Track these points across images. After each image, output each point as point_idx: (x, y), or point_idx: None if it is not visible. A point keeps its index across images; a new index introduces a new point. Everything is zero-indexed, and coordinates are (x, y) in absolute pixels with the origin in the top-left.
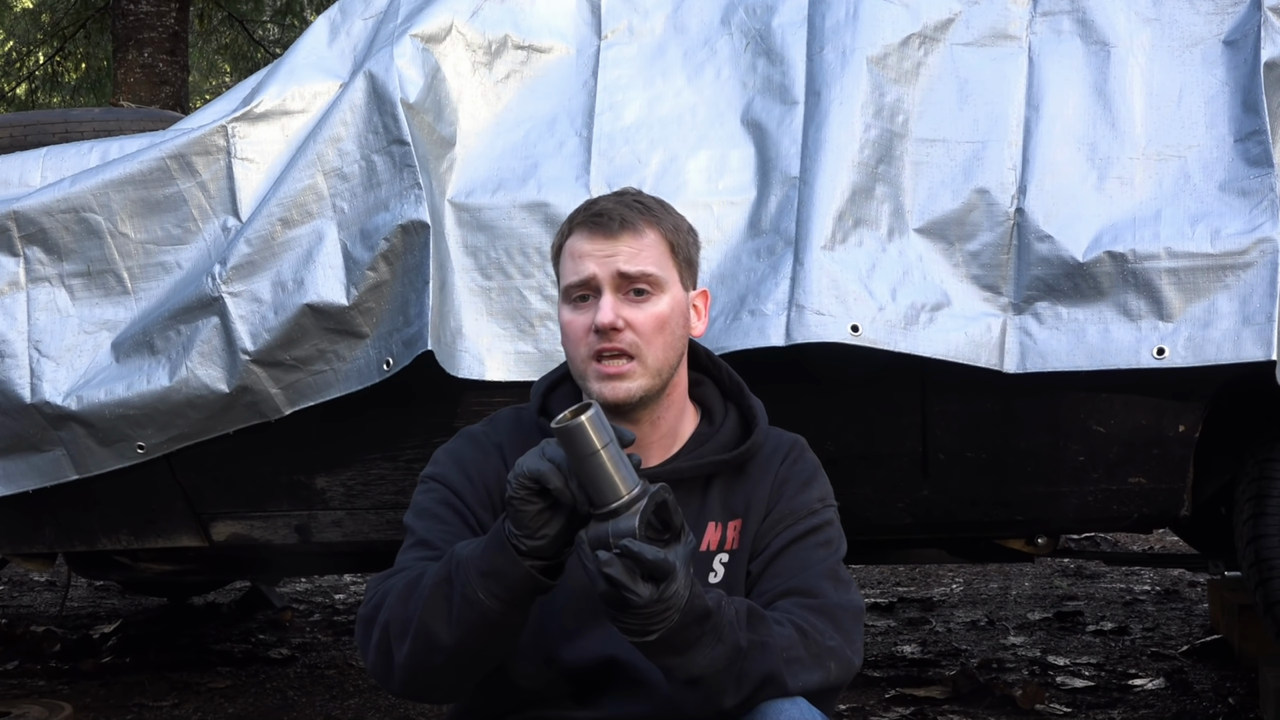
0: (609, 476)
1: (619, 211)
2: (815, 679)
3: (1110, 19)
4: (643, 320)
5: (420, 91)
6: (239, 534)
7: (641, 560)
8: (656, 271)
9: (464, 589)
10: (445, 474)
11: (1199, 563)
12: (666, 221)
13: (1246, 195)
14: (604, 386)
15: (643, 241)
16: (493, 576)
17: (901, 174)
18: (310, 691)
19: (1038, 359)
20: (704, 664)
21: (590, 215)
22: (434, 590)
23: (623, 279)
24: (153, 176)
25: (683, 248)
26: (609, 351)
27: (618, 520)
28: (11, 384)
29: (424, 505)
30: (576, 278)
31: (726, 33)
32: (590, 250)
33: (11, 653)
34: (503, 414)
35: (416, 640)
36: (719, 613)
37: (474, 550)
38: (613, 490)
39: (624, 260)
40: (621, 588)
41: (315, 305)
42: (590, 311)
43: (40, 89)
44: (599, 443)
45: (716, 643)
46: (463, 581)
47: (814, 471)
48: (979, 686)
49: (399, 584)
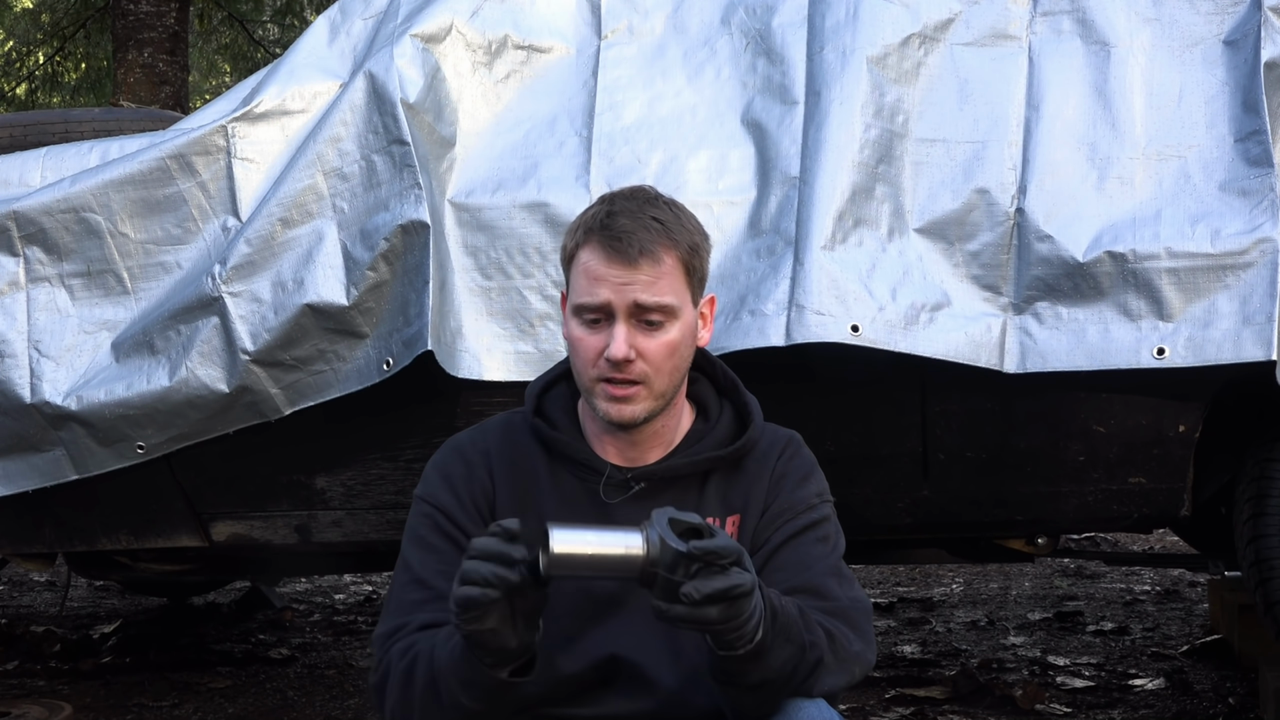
0: (615, 560)
1: (639, 236)
2: (841, 682)
3: (1110, 19)
4: (654, 349)
5: (420, 91)
6: (239, 534)
7: (713, 598)
8: (673, 301)
9: (449, 695)
10: (435, 494)
11: (1199, 563)
12: (683, 242)
13: (1246, 195)
14: (610, 407)
15: (660, 269)
16: (471, 685)
17: (901, 174)
18: (310, 691)
19: (1038, 359)
20: (777, 666)
21: (609, 236)
22: (426, 692)
23: (638, 309)
24: (153, 176)
25: (697, 267)
26: (619, 380)
27: (664, 580)
28: (11, 384)
29: (418, 532)
30: (591, 300)
31: (726, 33)
32: (606, 274)
33: (11, 653)
34: (493, 420)
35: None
36: (783, 611)
37: (453, 657)
38: (629, 563)
39: (641, 290)
40: (707, 622)
41: (315, 305)
42: (602, 334)
43: (40, 89)
44: (582, 551)
45: (786, 642)
46: (447, 689)
47: (810, 467)
48: (979, 686)
49: (400, 668)
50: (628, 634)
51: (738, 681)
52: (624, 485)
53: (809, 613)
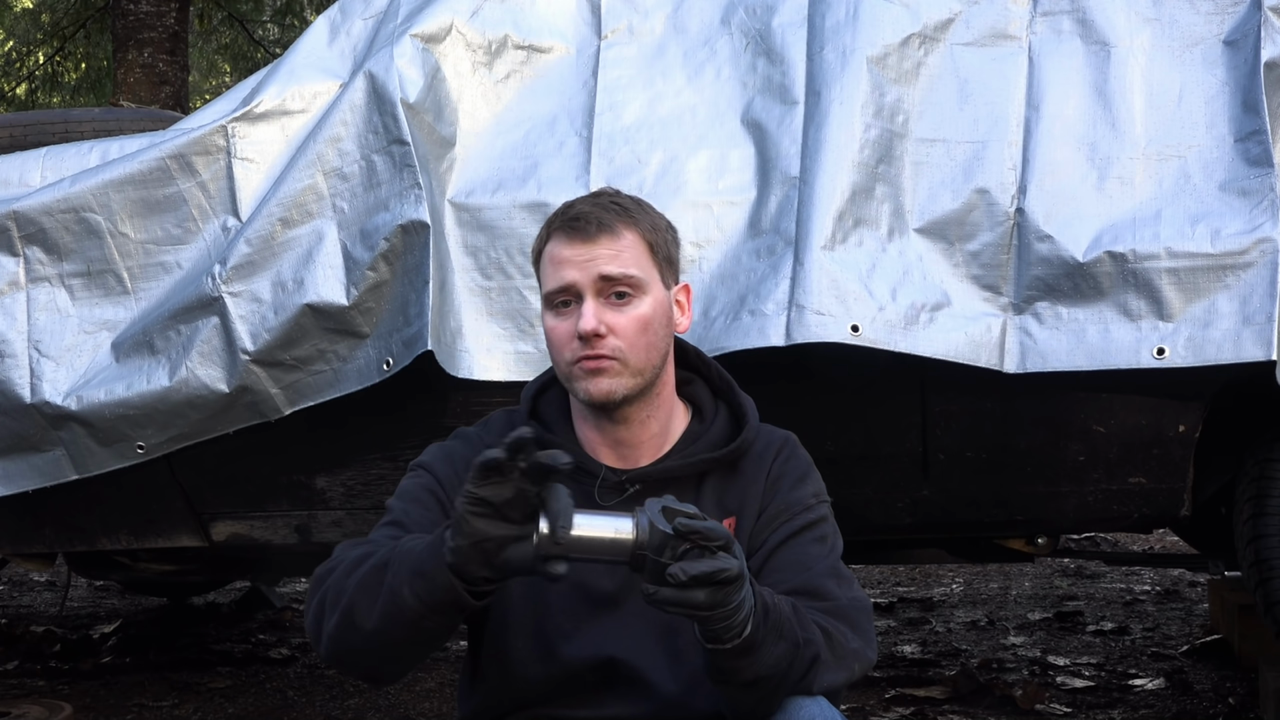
0: (605, 543)
1: (595, 214)
2: (840, 679)
3: (1110, 19)
4: (625, 323)
5: (420, 91)
6: (239, 534)
7: (699, 580)
8: (637, 273)
9: (394, 581)
10: (432, 464)
11: (1199, 563)
12: (644, 221)
13: (1246, 195)
14: (588, 383)
15: (621, 243)
16: (421, 578)
17: (901, 174)
18: (310, 691)
19: (1038, 359)
20: (770, 662)
21: (567, 220)
22: (371, 574)
23: (603, 282)
24: (153, 176)
25: (661, 246)
26: (592, 358)
27: (652, 563)
28: (11, 384)
29: (406, 488)
30: (557, 284)
31: (726, 33)
32: (569, 256)
33: (11, 653)
34: (496, 416)
35: (343, 616)
36: (776, 609)
37: (417, 546)
38: (619, 547)
39: (603, 263)
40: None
41: (315, 305)
42: (572, 318)
43: (40, 89)
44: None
45: (779, 639)
46: (395, 573)
47: (807, 468)
48: (979, 686)
49: (351, 556)
50: (627, 637)
51: (732, 679)
52: (619, 488)
53: (804, 611)
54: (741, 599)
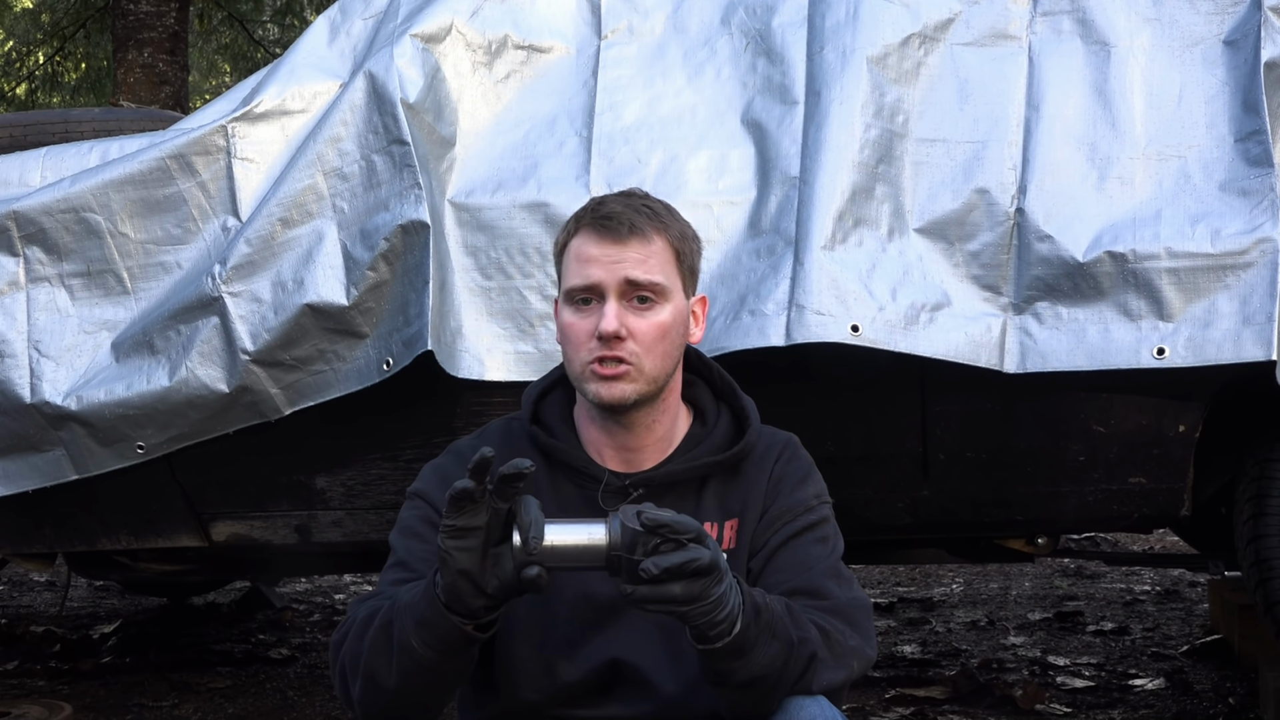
0: (580, 550)
1: (628, 216)
2: (839, 678)
3: (1110, 19)
4: (645, 329)
5: (420, 91)
6: (239, 534)
7: (670, 572)
8: (662, 280)
9: (401, 636)
10: (428, 490)
11: (1199, 563)
12: (674, 229)
13: (1246, 195)
14: (601, 388)
15: (650, 248)
16: (425, 627)
17: (901, 174)
18: (310, 691)
19: (1038, 359)
20: (764, 663)
21: (599, 218)
22: (379, 634)
23: (629, 286)
24: (153, 176)
25: (687, 256)
26: (609, 359)
27: (626, 563)
28: (11, 384)
29: (406, 522)
30: (582, 281)
31: (726, 33)
32: (598, 254)
33: (11, 653)
34: (492, 426)
35: (365, 680)
36: (767, 608)
37: (413, 597)
38: (594, 552)
39: (631, 267)
40: (671, 601)
41: (315, 305)
42: (593, 316)
43: (40, 89)
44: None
45: (772, 639)
46: (400, 629)
47: (808, 469)
48: (979, 686)
49: (360, 618)
50: (628, 639)
51: (726, 681)
52: (622, 492)
53: (799, 610)
54: (722, 593)
